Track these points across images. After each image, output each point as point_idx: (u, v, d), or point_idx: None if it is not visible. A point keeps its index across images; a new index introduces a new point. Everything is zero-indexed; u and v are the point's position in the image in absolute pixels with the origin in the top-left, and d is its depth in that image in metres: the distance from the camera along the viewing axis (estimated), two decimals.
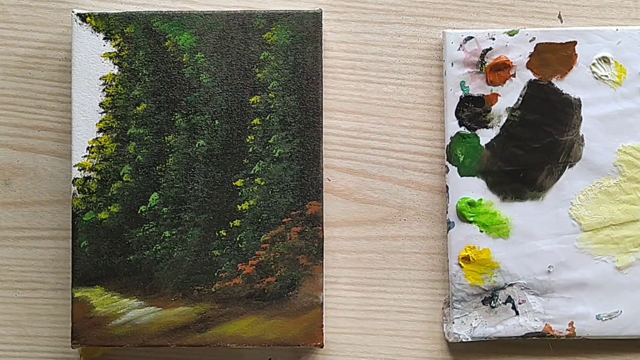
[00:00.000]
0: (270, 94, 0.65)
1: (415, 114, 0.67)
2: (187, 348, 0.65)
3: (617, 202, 0.65)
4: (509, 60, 0.65)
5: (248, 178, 0.65)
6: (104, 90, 0.65)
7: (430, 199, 0.67)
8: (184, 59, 0.65)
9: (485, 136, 0.66)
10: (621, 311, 0.65)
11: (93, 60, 0.65)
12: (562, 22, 0.67)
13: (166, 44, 0.65)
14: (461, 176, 0.66)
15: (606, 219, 0.66)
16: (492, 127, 0.66)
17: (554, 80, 0.65)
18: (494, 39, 0.65)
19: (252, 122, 0.65)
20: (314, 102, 0.65)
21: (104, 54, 0.65)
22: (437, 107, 0.67)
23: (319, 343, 0.64)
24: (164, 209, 0.65)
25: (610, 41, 0.65)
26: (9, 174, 0.67)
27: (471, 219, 0.65)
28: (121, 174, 0.65)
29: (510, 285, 0.66)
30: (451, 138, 0.66)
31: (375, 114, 0.67)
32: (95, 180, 0.65)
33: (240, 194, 0.65)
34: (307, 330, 0.64)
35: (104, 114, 0.65)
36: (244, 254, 0.64)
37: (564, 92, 0.65)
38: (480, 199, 0.66)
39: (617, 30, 0.65)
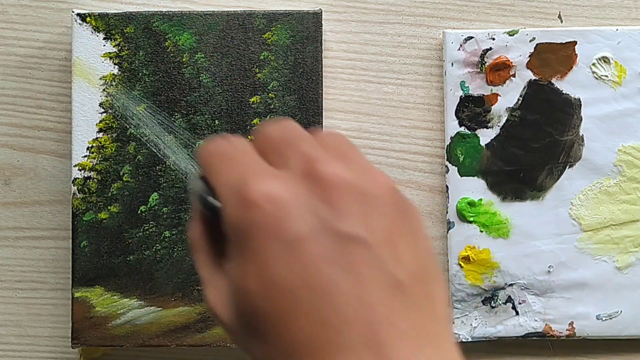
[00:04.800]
0: (270, 94, 0.65)
1: (415, 114, 0.67)
2: (187, 348, 0.65)
3: (617, 202, 0.65)
4: (509, 60, 0.65)
5: None
6: (104, 90, 0.65)
7: (430, 199, 0.67)
8: (184, 59, 0.65)
9: (485, 136, 0.66)
10: (621, 311, 0.65)
11: (93, 60, 0.65)
12: (562, 22, 0.67)
13: (166, 44, 0.65)
14: (461, 176, 0.66)
15: (606, 219, 0.66)
16: (492, 127, 0.66)
17: (554, 80, 0.65)
18: (494, 39, 0.65)
19: (252, 122, 0.65)
20: (314, 102, 0.65)
21: (104, 54, 0.65)
22: (437, 107, 0.67)
23: None
24: (164, 209, 0.65)
25: (610, 41, 0.65)
26: (9, 174, 0.67)
27: (471, 219, 0.65)
28: (121, 174, 0.65)
29: (510, 285, 0.66)
30: (451, 138, 0.66)
31: (375, 114, 0.67)
32: (95, 180, 0.65)
33: None
34: None
35: (104, 114, 0.65)
36: None
37: (564, 92, 0.65)
38: (480, 199, 0.66)
39: (617, 30, 0.65)
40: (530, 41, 0.65)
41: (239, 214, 0.42)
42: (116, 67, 0.65)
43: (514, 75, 0.65)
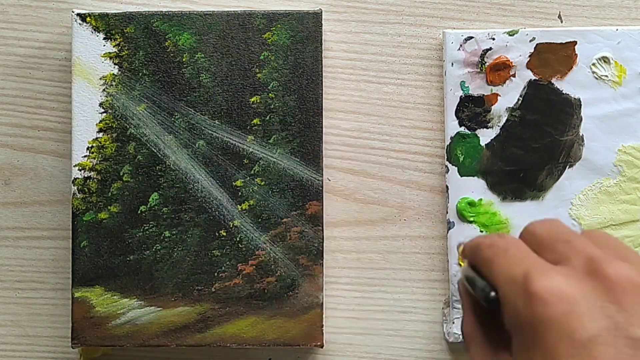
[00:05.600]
0: (270, 94, 0.65)
1: (415, 114, 0.67)
2: (187, 348, 0.65)
3: (617, 202, 0.65)
4: (509, 60, 0.65)
5: (248, 178, 0.65)
6: (104, 90, 0.65)
7: (430, 199, 0.67)
8: (184, 59, 0.65)
9: (485, 136, 0.66)
10: None
11: (93, 60, 0.65)
12: (562, 22, 0.67)
13: (166, 44, 0.65)
14: (461, 176, 0.66)
15: (606, 219, 0.66)
16: (492, 127, 0.66)
17: (554, 80, 0.65)
18: (494, 39, 0.65)
19: (252, 122, 0.65)
20: (314, 102, 0.65)
21: (104, 54, 0.65)
22: (437, 107, 0.67)
23: (319, 343, 0.64)
24: (164, 209, 0.65)
25: (610, 41, 0.65)
26: (9, 174, 0.67)
27: (471, 219, 0.65)
28: (121, 174, 0.65)
29: None
30: (451, 138, 0.66)
31: (375, 114, 0.67)
32: (95, 180, 0.65)
33: (240, 194, 0.65)
34: (307, 330, 0.64)
35: (104, 114, 0.65)
36: (244, 254, 0.64)
37: (564, 92, 0.65)
38: (480, 199, 0.66)
39: (617, 30, 0.65)
40: (530, 41, 0.65)
41: (525, 308, 0.42)
42: (116, 67, 0.65)
43: (514, 75, 0.65)
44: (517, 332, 0.43)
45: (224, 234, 0.65)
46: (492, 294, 0.45)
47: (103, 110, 0.65)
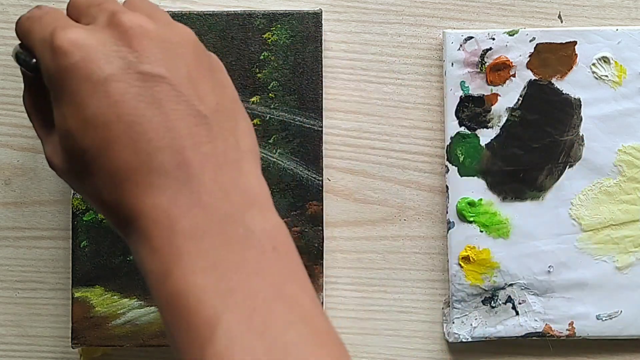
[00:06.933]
0: (270, 94, 0.65)
1: (415, 114, 0.67)
2: None
3: (617, 202, 0.65)
4: (509, 60, 0.65)
5: None
6: None
7: (430, 199, 0.67)
8: None
9: (485, 136, 0.66)
10: (621, 311, 0.65)
11: None
12: (562, 22, 0.67)
13: None
14: (461, 176, 0.66)
15: (606, 219, 0.66)
16: (492, 127, 0.66)
17: (554, 80, 0.66)
18: (494, 39, 0.65)
19: (252, 122, 0.65)
20: (314, 102, 0.65)
21: None
22: (437, 107, 0.67)
23: None
24: None
25: (610, 41, 0.65)
26: (9, 174, 0.67)
27: (471, 219, 0.65)
28: None
29: (510, 285, 0.66)
30: (451, 138, 0.66)
31: (375, 114, 0.67)
32: None
33: None
34: None
35: None
36: None
37: (564, 92, 0.65)
38: (480, 199, 0.66)
39: (617, 30, 0.65)
40: (530, 41, 0.65)
41: (52, 63, 0.47)
42: None
43: (514, 75, 0.65)
44: (50, 88, 0.48)
45: None
46: (34, 60, 0.50)
47: None
